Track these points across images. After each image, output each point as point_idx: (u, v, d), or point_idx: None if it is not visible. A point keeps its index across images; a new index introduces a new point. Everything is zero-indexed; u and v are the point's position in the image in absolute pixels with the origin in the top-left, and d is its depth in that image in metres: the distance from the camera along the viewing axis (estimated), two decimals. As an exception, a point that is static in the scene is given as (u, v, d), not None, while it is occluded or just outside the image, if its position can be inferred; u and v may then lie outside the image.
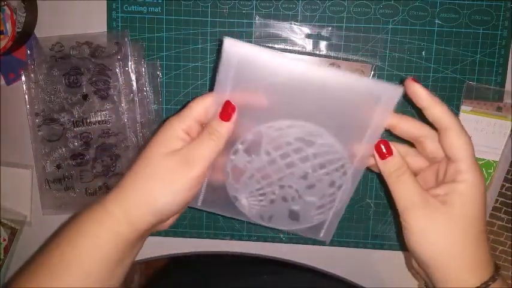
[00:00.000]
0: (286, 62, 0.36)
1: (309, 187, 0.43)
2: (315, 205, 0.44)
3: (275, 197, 0.44)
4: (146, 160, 0.37)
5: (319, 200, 0.44)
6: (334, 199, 0.44)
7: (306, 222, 0.45)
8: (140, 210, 0.36)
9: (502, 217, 0.54)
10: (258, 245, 0.58)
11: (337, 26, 0.53)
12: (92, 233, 0.36)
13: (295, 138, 0.40)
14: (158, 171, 0.36)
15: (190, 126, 0.37)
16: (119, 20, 0.54)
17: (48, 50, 0.54)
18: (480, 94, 0.53)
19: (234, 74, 0.36)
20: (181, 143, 0.37)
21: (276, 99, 0.38)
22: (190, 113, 0.37)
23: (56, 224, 0.59)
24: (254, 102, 0.37)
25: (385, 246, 0.57)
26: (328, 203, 0.44)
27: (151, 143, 0.37)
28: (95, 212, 0.37)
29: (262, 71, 0.36)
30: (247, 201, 0.44)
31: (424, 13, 0.53)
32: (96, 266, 0.36)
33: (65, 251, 0.36)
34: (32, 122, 0.55)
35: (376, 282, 0.58)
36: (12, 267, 0.60)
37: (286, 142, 0.40)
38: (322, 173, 0.42)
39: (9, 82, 0.57)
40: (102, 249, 0.36)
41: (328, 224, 0.46)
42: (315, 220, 0.45)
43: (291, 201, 0.44)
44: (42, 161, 0.56)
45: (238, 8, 0.53)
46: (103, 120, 0.55)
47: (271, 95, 0.38)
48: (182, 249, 0.59)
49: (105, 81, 0.54)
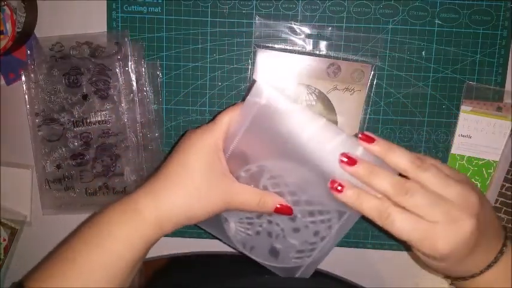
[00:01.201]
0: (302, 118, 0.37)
1: (294, 230, 0.44)
2: (296, 248, 0.45)
3: (261, 229, 0.45)
4: (182, 168, 0.38)
5: (300, 245, 0.45)
6: (315, 248, 0.45)
7: (283, 263, 0.47)
8: (173, 216, 0.38)
9: (502, 217, 0.54)
10: (258, 245, 0.58)
11: (337, 26, 0.53)
12: (123, 237, 0.37)
13: (293, 181, 0.41)
14: (195, 183, 0.38)
15: (220, 138, 0.39)
16: (119, 20, 0.54)
17: (48, 50, 0.54)
18: (480, 94, 0.53)
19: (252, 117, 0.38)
20: (214, 156, 0.38)
21: (283, 144, 0.39)
22: (220, 128, 0.39)
23: (56, 224, 0.59)
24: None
25: (385, 246, 0.57)
26: (309, 250, 0.45)
27: (187, 153, 0.39)
28: (126, 214, 0.38)
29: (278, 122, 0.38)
30: (235, 226, 0.45)
31: (424, 13, 0.53)
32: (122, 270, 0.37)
33: (93, 252, 0.37)
34: (32, 122, 0.55)
35: (376, 282, 0.58)
36: (12, 267, 0.60)
37: (284, 183, 0.41)
38: (309, 221, 0.43)
39: (9, 82, 0.57)
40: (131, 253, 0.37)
41: (304, 269, 0.47)
42: (292, 263, 0.46)
43: (275, 238, 0.45)
44: (42, 161, 0.56)
45: (238, 8, 0.53)
46: (103, 120, 0.55)
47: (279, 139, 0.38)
48: (182, 249, 0.59)
49: (105, 81, 0.54)
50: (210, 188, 0.38)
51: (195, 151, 0.38)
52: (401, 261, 0.57)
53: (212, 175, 0.38)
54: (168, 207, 0.38)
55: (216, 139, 0.39)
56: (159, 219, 0.38)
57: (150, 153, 0.56)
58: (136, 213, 0.38)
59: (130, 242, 0.37)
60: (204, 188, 0.38)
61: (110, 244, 0.37)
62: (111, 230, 0.37)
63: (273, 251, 0.46)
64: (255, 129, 0.39)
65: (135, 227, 0.37)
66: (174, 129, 0.56)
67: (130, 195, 0.39)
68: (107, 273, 0.37)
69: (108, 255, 0.37)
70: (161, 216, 0.38)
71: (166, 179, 0.38)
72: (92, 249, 0.37)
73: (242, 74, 0.54)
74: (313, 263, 0.47)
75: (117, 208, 0.39)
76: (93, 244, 0.37)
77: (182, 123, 0.56)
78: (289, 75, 0.53)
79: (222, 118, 0.39)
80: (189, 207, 0.38)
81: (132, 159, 0.56)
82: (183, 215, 0.38)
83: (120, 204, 0.39)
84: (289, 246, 0.45)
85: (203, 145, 0.38)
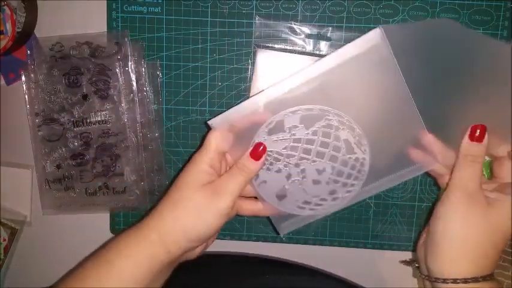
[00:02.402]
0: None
1: (314, 182, 0.43)
2: (305, 198, 0.45)
3: (283, 169, 0.43)
4: (179, 191, 0.40)
5: (311, 197, 0.44)
6: (321, 205, 0.45)
7: (282, 206, 0.45)
8: (176, 237, 0.40)
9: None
10: (258, 245, 0.58)
11: (337, 26, 0.53)
12: (130, 255, 0.39)
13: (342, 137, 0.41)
14: (190, 204, 0.40)
15: (212, 158, 0.41)
16: (119, 20, 0.54)
17: (48, 50, 0.54)
18: (480, 94, 0.53)
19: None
20: (208, 177, 0.40)
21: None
22: (209, 147, 0.41)
23: (56, 224, 0.59)
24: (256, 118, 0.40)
25: (385, 246, 0.57)
26: (314, 204, 0.45)
27: (182, 178, 0.41)
28: (134, 237, 0.40)
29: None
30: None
31: (424, 13, 0.53)
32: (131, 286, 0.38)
33: (101, 269, 0.39)
34: (32, 122, 0.55)
35: (376, 282, 0.58)
36: (12, 267, 0.60)
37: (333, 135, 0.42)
38: (333, 179, 0.43)
39: (9, 82, 0.57)
40: (139, 270, 0.39)
41: (293, 221, 0.47)
42: (289, 209, 0.45)
43: (291, 181, 0.44)
44: (42, 161, 0.56)
45: (238, 8, 0.53)
46: (103, 120, 0.55)
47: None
48: (182, 249, 0.59)
49: (105, 81, 0.54)
50: (209, 206, 0.40)
51: (188, 174, 0.41)
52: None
53: (207, 194, 0.40)
54: (169, 228, 0.40)
55: (206, 158, 0.41)
56: (165, 240, 0.39)
57: (150, 153, 0.56)
58: (143, 235, 0.40)
59: (138, 261, 0.39)
60: (203, 207, 0.40)
61: (119, 262, 0.39)
62: (120, 250, 0.40)
63: (282, 192, 0.44)
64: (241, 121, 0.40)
65: (142, 248, 0.39)
66: (174, 129, 0.56)
67: (142, 221, 0.41)
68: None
69: (116, 272, 0.38)
70: (165, 237, 0.40)
71: (169, 202, 0.41)
72: (102, 266, 0.39)
73: (242, 74, 0.54)
74: (308, 218, 0.46)
75: (128, 232, 0.41)
76: (102, 263, 0.39)
77: (182, 123, 0.56)
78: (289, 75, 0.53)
79: (209, 139, 0.41)
80: (192, 227, 0.40)
81: (132, 159, 0.56)
82: (183, 234, 0.40)
83: (131, 229, 0.41)
84: (300, 194, 0.44)
85: (195, 167, 0.41)
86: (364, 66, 0.39)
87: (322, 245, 0.57)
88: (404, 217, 0.56)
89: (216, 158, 0.41)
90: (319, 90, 0.39)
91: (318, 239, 0.57)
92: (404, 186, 0.56)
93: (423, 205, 0.56)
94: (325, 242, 0.57)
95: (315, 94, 0.39)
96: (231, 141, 0.41)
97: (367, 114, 0.42)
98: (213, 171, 0.41)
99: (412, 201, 0.56)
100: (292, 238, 0.58)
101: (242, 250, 0.59)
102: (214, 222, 0.40)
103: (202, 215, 0.39)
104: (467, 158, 0.41)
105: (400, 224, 0.57)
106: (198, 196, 0.40)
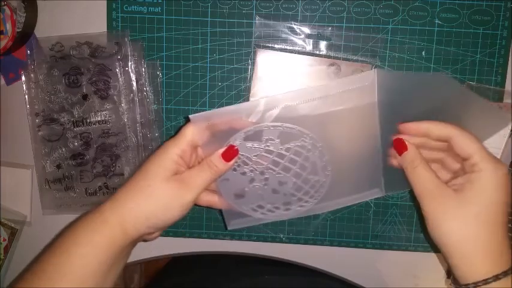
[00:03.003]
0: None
1: (274, 191, 0.46)
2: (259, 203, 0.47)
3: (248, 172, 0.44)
4: (146, 179, 0.40)
5: (265, 203, 0.47)
6: (273, 212, 0.47)
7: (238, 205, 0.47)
8: (137, 223, 0.40)
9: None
10: (258, 245, 0.58)
11: (337, 26, 0.53)
12: (88, 241, 0.39)
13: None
14: (156, 193, 0.40)
15: (184, 150, 0.41)
16: (119, 20, 0.54)
17: (48, 50, 0.54)
18: (480, 94, 0.53)
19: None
20: (176, 167, 0.41)
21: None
22: (183, 139, 0.41)
23: (56, 224, 0.59)
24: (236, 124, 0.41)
25: (385, 246, 0.57)
26: (267, 210, 0.47)
27: (150, 164, 0.41)
28: (92, 221, 0.40)
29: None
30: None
31: (424, 13, 0.53)
32: (90, 273, 0.38)
33: (61, 259, 0.39)
34: (32, 122, 0.55)
35: (376, 282, 0.58)
36: (12, 267, 0.60)
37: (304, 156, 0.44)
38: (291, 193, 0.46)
39: (9, 82, 0.57)
40: (97, 256, 0.39)
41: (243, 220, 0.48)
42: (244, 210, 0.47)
43: (252, 184, 0.45)
44: (42, 161, 0.56)
45: (238, 8, 0.53)
46: (103, 120, 0.55)
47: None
48: (182, 249, 0.59)
49: (105, 81, 0.54)
50: (174, 199, 0.40)
51: (157, 161, 0.41)
52: (401, 261, 0.57)
53: (174, 186, 0.40)
54: (131, 214, 0.40)
55: (178, 149, 0.40)
56: (124, 225, 0.39)
57: (150, 153, 0.56)
58: (102, 218, 0.40)
59: (95, 246, 0.39)
60: (169, 199, 0.40)
61: (76, 249, 0.39)
62: (77, 236, 0.40)
63: (241, 192, 0.46)
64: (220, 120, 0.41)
65: (100, 232, 0.39)
66: (174, 129, 0.56)
67: (98, 206, 0.41)
68: (76, 278, 0.38)
69: (73, 260, 0.38)
70: (125, 222, 0.40)
71: (130, 188, 0.41)
72: (60, 256, 0.39)
73: (242, 74, 0.54)
74: (257, 220, 0.48)
75: (86, 216, 0.41)
76: (60, 251, 0.39)
77: (182, 123, 0.56)
78: (289, 76, 0.53)
79: (185, 130, 0.41)
80: (150, 213, 0.40)
81: (132, 159, 0.56)
82: (145, 222, 0.40)
83: (88, 213, 0.41)
84: (257, 198, 0.46)
85: (165, 155, 0.41)
86: (349, 103, 0.42)
87: (322, 245, 0.57)
88: (404, 217, 0.56)
89: (188, 150, 0.41)
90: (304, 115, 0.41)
91: (318, 239, 0.57)
92: (404, 186, 0.56)
93: (423, 205, 0.56)
94: (325, 242, 0.57)
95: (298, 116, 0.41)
96: (206, 138, 0.41)
97: (339, 146, 0.45)
98: (182, 162, 0.41)
99: (412, 201, 0.56)
100: (292, 238, 0.58)
101: (242, 250, 0.59)
102: (177, 214, 0.40)
103: (167, 206, 0.40)
104: (410, 166, 0.41)
105: (400, 224, 0.57)
106: (165, 187, 0.40)
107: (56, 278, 0.38)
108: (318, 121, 0.42)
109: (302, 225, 0.57)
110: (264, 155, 0.43)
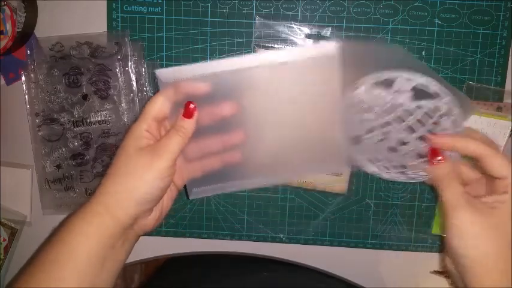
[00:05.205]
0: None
1: (390, 149, 0.44)
2: (372, 157, 0.45)
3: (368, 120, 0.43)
4: (120, 159, 0.41)
5: (380, 157, 0.45)
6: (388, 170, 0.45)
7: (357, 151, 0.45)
8: (121, 203, 0.40)
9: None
10: (258, 245, 0.58)
11: (337, 26, 0.53)
12: (81, 231, 0.40)
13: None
14: (132, 167, 0.41)
15: (149, 125, 0.42)
16: (119, 20, 0.54)
17: (48, 50, 0.54)
18: (480, 94, 0.53)
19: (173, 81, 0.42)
20: (145, 141, 0.42)
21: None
22: (147, 114, 0.42)
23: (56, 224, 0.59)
24: (198, 90, 0.42)
25: (385, 246, 0.57)
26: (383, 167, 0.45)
27: (123, 145, 0.42)
28: (83, 212, 0.41)
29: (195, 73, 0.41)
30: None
31: (424, 13, 0.53)
32: (85, 262, 0.39)
33: (59, 250, 0.39)
34: (32, 122, 0.55)
35: (376, 282, 0.58)
36: (12, 267, 0.60)
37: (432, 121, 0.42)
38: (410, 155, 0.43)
39: (9, 82, 0.57)
40: (90, 245, 0.39)
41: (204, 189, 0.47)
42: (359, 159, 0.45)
43: (369, 134, 0.44)
44: (42, 161, 0.56)
45: (238, 8, 0.53)
46: (103, 120, 0.55)
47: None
48: (182, 249, 0.59)
49: (105, 81, 0.54)
50: (149, 167, 0.40)
51: (128, 140, 0.42)
52: (401, 261, 0.57)
53: (147, 156, 0.41)
54: (115, 196, 0.40)
55: (144, 124, 0.41)
56: (110, 209, 0.40)
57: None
58: (90, 208, 0.40)
59: (88, 235, 0.39)
60: (144, 169, 0.40)
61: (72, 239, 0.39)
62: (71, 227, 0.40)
63: (357, 138, 0.45)
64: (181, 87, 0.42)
65: (90, 221, 0.40)
66: (174, 129, 0.56)
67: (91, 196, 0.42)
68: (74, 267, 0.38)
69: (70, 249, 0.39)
70: (110, 206, 0.40)
71: (111, 170, 0.42)
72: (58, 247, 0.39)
73: (242, 74, 0.54)
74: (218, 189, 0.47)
75: (79, 208, 0.41)
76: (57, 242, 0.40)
77: (182, 123, 0.56)
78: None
79: (148, 107, 0.42)
80: (135, 189, 0.40)
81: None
82: (130, 199, 0.40)
83: (81, 205, 0.41)
84: (371, 150, 0.45)
85: (133, 134, 0.42)
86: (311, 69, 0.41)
87: (322, 245, 0.57)
88: (404, 217, 0.56)
89: (153, 125, 0.42)
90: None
91: (318, 239, 0.57)
92: (404, 186, 0.56)
93: (423, 205, 0.56)
94: (325, 242, 0.57)
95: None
96: (168, 109, 0.42)
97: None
98: (150, 135, 0.42)
99: (412, 201, 0.56)
100: (292, 238, 0.58)
101: (242, 250, 0.59)
102: (156, 183, 0.40)
103: (144, 176, 0.40)
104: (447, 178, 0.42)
105: (400, 224, 0.57)
106: (138, 158, 0.40)
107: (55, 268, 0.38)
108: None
109: (302, 225, 0.57)
110: (388, 108, 0.41)
